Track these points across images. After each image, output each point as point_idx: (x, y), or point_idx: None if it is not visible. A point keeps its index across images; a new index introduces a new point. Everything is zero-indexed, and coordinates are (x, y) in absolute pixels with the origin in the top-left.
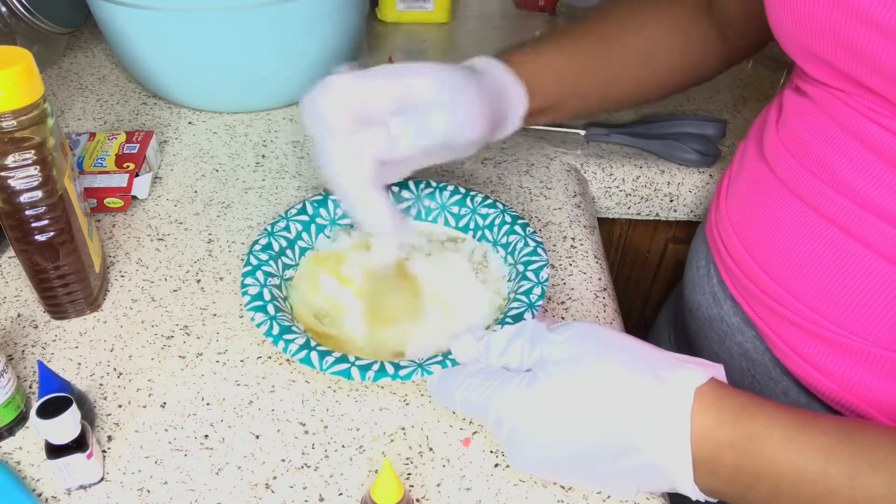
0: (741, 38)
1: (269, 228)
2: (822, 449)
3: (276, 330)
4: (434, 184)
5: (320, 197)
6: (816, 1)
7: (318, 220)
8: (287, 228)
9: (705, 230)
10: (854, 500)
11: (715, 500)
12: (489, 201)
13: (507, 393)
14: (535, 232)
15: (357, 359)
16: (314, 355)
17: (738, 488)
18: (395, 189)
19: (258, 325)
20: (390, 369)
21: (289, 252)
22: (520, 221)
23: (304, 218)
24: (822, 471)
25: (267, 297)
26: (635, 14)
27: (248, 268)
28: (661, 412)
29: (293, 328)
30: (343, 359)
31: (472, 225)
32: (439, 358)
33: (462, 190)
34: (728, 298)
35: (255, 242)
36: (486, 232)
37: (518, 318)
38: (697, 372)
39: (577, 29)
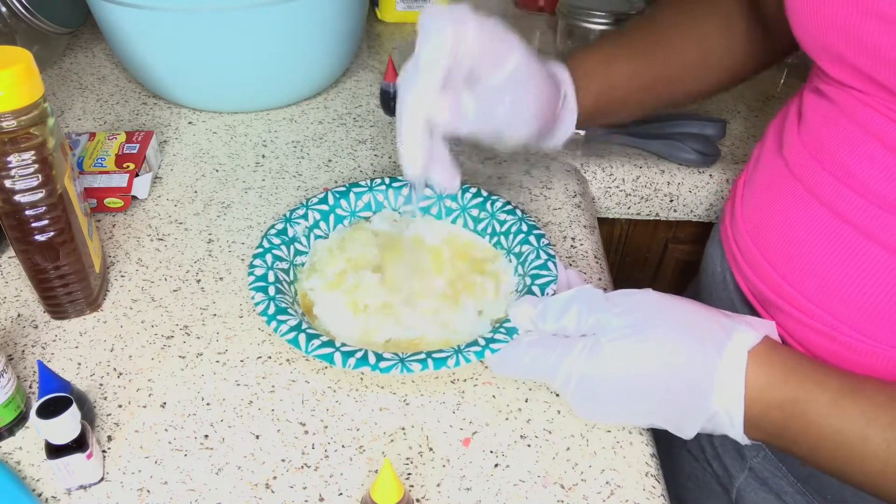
0: (784, 34)
1: (287, 215)
2: (863, 414)
3: (271, 310)
4: None
5: (343, 188)
6: (841, 3)
7: (338, 211)
8: (305, 216)
9: (720, 234)
10: (888, 463)
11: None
12: (509, 207)
13: (574, 356)
14: (549, 244)
15: (343, 345)
16: (302, 337)
17: (781, 442)
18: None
19: (256, 304)
20: (372, 359)
21: (303, 239)
22: (535, 232)
23: (324, 207)
24: (861, 435)
25: (271, 278)
26: (687, 15)
27: (260, 250)
28: (719, 377)
29: (290, 311)
30: (329, 343)
31: (489, 230)
32: (422, 356)
33: (484, 193)
34: (746, 306)
35: (272, 227)
36: (502, 238)
37: (513, 331)
38: (751, 334)
39: (630, 34)
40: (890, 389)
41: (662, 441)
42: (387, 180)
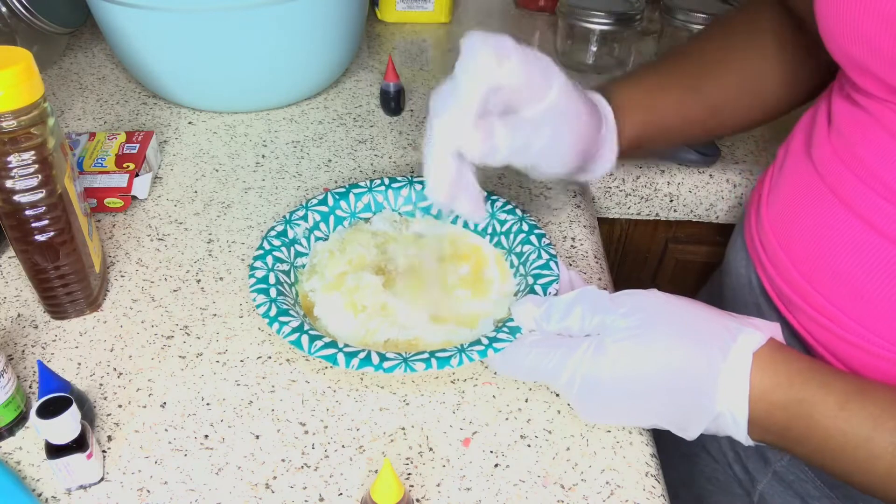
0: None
1: (286, 216)
2: (870, 418)
3: (273, 311)
4: None
5: (342, 189)
6: (860, 11)
7: (338, 212)
8: (305, 217)
9: (744, 236)
10: (894, 466)
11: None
12: (509, 207)
13: (578, 357)
14: (550, 244)
15: (346, 345)
16: (304, 339)
17: (785, 443)
18: (419, 187)
19: (257, 307)
20: (375, 359)
21: (303, 240)
22: (536, 231)
23: (324, 209)
24: (867, 437)
25: (272, 280)
26: (731, 46)
27: (260, 251)
28: (723, 377)
29: (291, 312)
30: (331, 344)
31: (489, 230)
32: (425, 355)
33: (484, 193)
34: (772, 310)
35: (272, 228)
36: (503, 238)
37: (516, 330)
38: (756, 336)
39: (672, 64)
40: (895, 393)
41: (682, 443)
42: (386, 181)
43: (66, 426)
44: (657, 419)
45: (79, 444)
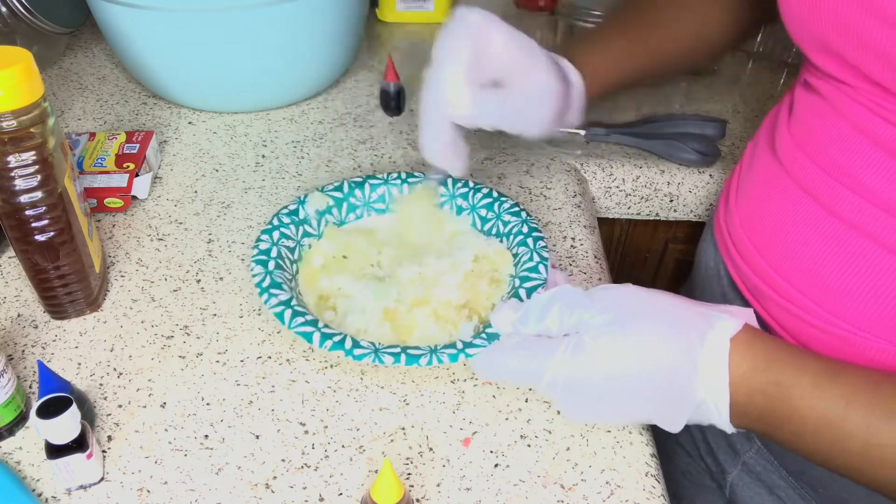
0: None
1: (301, 197)
2: (843, 397)
3: (266, 282)
4: (470, 184)
5: (359, 178)
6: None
7: (352, 200)
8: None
9: (713, 230)
10: (868, 444)
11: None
12: (516, 209)
13: (558, 357)
14: (545, 247)
15: (325, 326)
16: (287, 313)
17: (765, 427)
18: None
19: (254, 276)
20: (348, 344)
21: (313, 221)
22: (534, 234)
23: (339, 195)
24: (841, 416)
25: (273, 254)
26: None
27: (269, 226)
28: (702, 365)
29: (284, 286)
30: (312, 322)
31: (494, 230)
32: (397, 349)
33: (494, 194)
34: (738, 298)
35: (285, 207)
36: (504, 240)
37: (493, 336)
38: (732, 322)
39: (625, 19)
40: (869, 373)
41: (655, 437)
42: (403, 174)
43: (66, 426)
44: (642, 413)
45: (79, 444)
